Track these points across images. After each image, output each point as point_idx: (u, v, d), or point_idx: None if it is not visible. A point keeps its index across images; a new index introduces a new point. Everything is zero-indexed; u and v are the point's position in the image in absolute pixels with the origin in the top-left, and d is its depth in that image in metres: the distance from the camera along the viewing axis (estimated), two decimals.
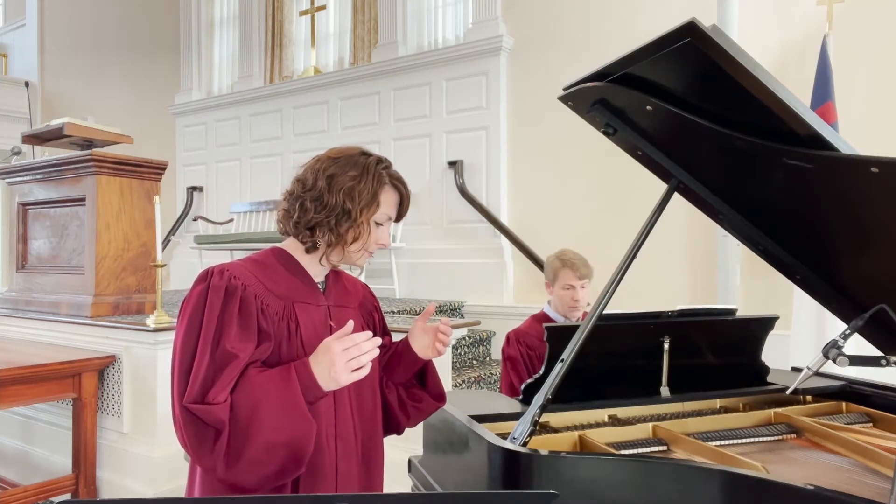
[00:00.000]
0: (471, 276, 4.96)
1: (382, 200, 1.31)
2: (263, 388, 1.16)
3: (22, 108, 8.70)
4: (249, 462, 1.13)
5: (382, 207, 1.31)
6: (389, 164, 1.35)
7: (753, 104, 1.15)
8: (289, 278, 1.32)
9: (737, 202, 1.56)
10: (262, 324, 1.24)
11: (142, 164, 3.69)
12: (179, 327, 1.24)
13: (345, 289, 1.44)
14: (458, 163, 5.12)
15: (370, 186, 1.29)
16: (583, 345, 1.46)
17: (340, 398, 1.32)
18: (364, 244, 1.31)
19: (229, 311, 1.22)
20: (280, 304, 1.28)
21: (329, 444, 1.29)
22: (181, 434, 1.18)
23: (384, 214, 1.32)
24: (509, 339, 2.49)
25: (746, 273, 3.76)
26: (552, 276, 2.49)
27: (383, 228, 1.34)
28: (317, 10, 6.25)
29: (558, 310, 2.49)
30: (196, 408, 1.15)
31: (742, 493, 1.16)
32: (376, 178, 1.30)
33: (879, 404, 1.72)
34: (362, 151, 1.34)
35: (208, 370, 1.17)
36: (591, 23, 4.62)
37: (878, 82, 3.62)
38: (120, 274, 3.61)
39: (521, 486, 1.25)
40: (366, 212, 1.28)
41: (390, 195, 1.34)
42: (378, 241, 1.34)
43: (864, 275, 1.45)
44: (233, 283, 1.24)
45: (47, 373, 2.99)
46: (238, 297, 1.23)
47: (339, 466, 1.30)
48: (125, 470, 3.14)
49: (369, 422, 1.39)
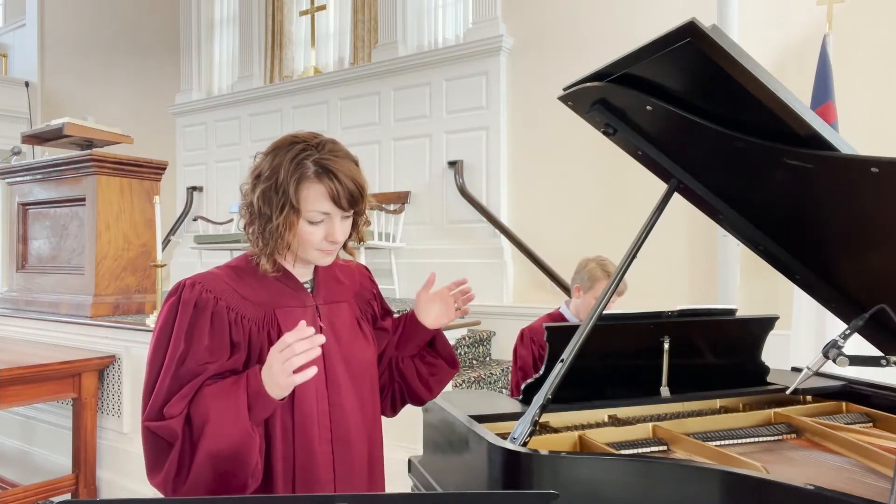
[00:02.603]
0: (471, 276, 4.89)
1: (304, 198, 1.16)
2: (213, 398, 1.12)
3: (22, 108, 8.70)
4: (195, 476, 1.10)
5: (305, 205, 1.16)
6: (318, 148, 1.18)
7: (753, 104, 1.15)
8: (269, 283, 1.25)
9: (737, 202, 1.56)
10: (234, 336, 1.19)
11: (142, 164, 3.69)
12: (150, 343, 1.20)
13: (337, 282, 1.37)
14: (458, 163, 5.12)
15: (286, 187, 1.15)
16: (583, 345, 1.46)
17: (337, 399, 1.28)
18: (305, 245, 1.20)
19: (199, 327, 1.17)
20: (259, 312, 1.22)
21: (324, 448, 1.26)
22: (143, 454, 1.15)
23: (314, 213, 1.17)
24: (523, 336, 2.43)
25: (746, 273, 3.76)
26: (589, 283, 2.36)
27: (323, 224, 1.19)
28: (317, 10, 6.25)
29: (579, 315, 2.40)
30: (153, 425, 1.12)
31: (742, 493, 1.16)
32: (294, 174, 1.15)
33: (879, 404, 1.71)
34: (292, 140, 1.20)
35: (171, 387, 1.14)
36: (591, 23, 4.62)
37: (878, 82, 3.62)
38: (120, 274, 3.61)
39: (521, 486, 1.25)
40: (287, 216, 1.16)
41: (311, 190, 1.16)
42: (327, 237, 1.20)
43: (864, 275, 1.45)
44: (203, 297, 1.19)
45: (47, 373, 2.99)
46: (209, 311, 1.18)
47: (337, 470, 1.27)
48: (125, 470, 3.14)
49: (370, 420, 1.36)
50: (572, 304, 2.46)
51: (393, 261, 5.23)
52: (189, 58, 7.16)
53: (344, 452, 1.29)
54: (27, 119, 8.64)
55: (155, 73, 7.53)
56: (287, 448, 1.22)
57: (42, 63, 8.90)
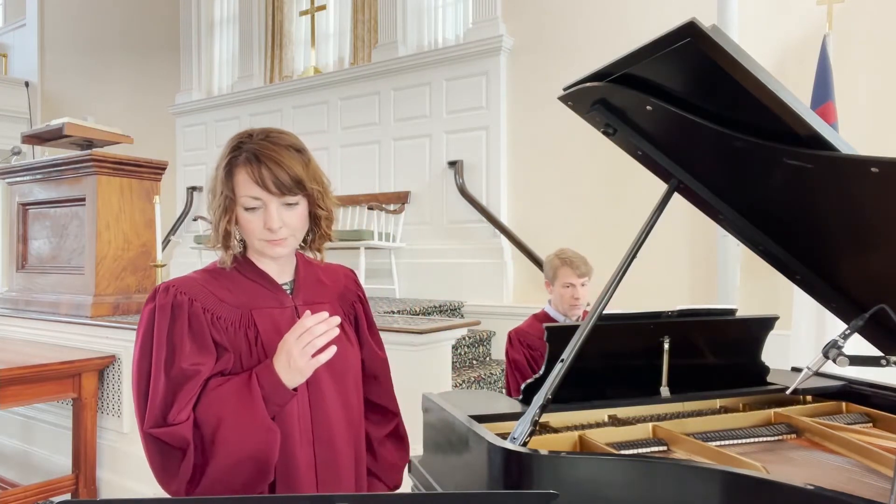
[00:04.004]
0: (471, 276, 4.96)
1: (236, 184, 1.19)
2: (224, 401, 1.13)
3: (22, 108, 8.70)
4: (214, 481, 1.11)
5: (239, 191, 1.19)
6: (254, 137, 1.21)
7: (753, 104, 1.15)
8: (246, 284, 1.26)
9: (737, 202, 1.56)
10: (215, 337, 1.20)
11: (142, 164, 3.69)
12: (134, 351, 1.21)
13: (318, 283, 1.35)
14: (458, 163, 5.12)
15: (221, 175, 1.20)
16: (583, 345, 1.45)
17: (318, 401, 1.25)
18: (249, 235, 1.23)
19: (178, 329, 1.17)
20: (236, 314, 1.23)
21: (305, 451, 1.23)
22: (148, 461, 1.15)
23: (245, 198, 1.18)
24: (511, 339, 2.49)
25: (746, 273, 3.76)
26: (552, 274, 2.49)
27: (259, 212, 1.19)
28: (317, 10, 6.26)
29: (559, 308, 2.49)
30: (158, 432, 1.12)
31: (742, 493, 1.16)
32: (227, 163, 1.20)
33: (879, 404, 1.71)
34: (237, 134, 1.24)
35: (166, 392, 1.13)
36: (591, 23, 4.62)
37: (878, 82, 3.62)
38: (120, 274, 3.61)
39: (521, 486, 1.25)
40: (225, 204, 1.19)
41: (242, 175, 1.18)
42: (265, 225, 1.19)
43: (864, 275, 1.45)
44: (178, 300, 1.19)
45: (47, 373, 2.98)
46: (185, 313, 1.19)
47: (320, 472, 1.25)
48: (125, 470, 3.14)
49: (356, 423, 1.34)
50: (551, 300, 2.53)
51: (393, 261, 5.23)
52: (189, 58, 7.16)
53: (327, 455, 1.26)
54: (27, 119, 8.64)
55: (155, 73, 7.53)
56: None
57: (42, 63, 8.90)
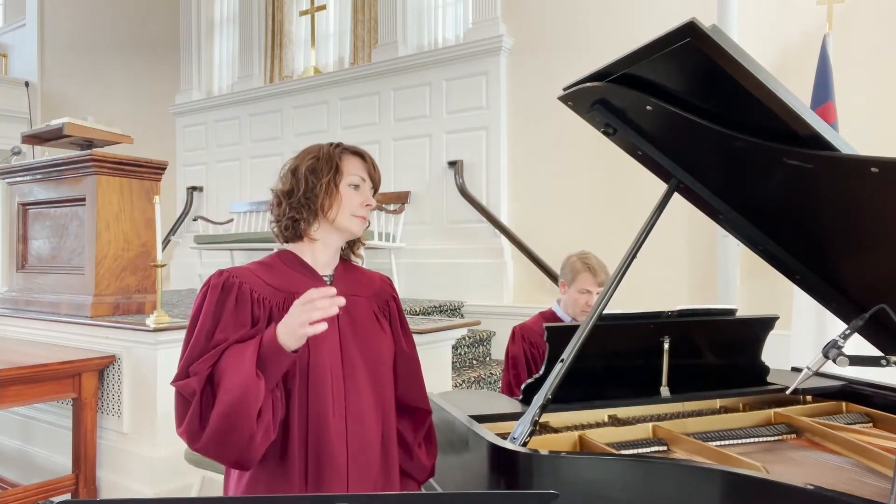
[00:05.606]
0: (471, 276, 4.95)
1: (345, 166, 1.39)
2: (229, 355, 1.24)
3: (22, 108, 8.70)
4: (211, 426, 1.19)
5: (347, 170, 1.39)
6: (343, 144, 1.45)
7: (753, 104, 1.15)
8: (290, 273, 1.38)
9: (737, 202, 1.56)
10: (255, 312, 1.31)
11: (142, 164, 3.68)
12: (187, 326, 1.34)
13: (356, 280, 1.46)
14: (458, 163, 5.12)
15: (328, 159, 1.39)
16: (583, 345, 1.46)
17: (351, 376, 1.33)
18: (345, 208, 1.37)
19: (226, 305, 1.30)
20: (280, 297, 1.33)
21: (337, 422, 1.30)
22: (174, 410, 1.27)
23: (354, 177, 1.40)
24: (514, 334, 2.46)
25: (746, 273, 3.76)
26: (571, 277, 2.40)
27: (361, 190, 1.40)
28: (317, 10, 6.26)
29: (568, 311, 2.44)
30: (177, 384, 1.25)
31: (742, 493, 1.16)
32: (333, 152, 1.40)
33: (879, 404, 1.72)
34: (319, 144, 1.44)
35: (197, 354, 1.26)
36: (590, 23, 4.62)
37: (878, 82, 3.62)
38: (120, 274, 3.60)
39: (521, 486, 1.25)
40: (333, 179, 1.37)
41: (352, 161, 1.42)
42: (362, 202, 1.39)
43: (864, 275, 1.45)
44: (230, 281, 1.33)
45: (47, 373, 2.98)
46: (234, 292, 1.32)
47: (350, 444, 1.31)
48: (125, 470, 3.13)
49: (386, 405, 1.40)
50: (562, 301, 2.49)
51: (393, 261, 5.23)
52: (189, 58, 7.16)
53: (358, 429, 1.33)
54: (27, 119, 8.64)
55: (155, 73, 7.53)
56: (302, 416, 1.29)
57: (42, 63, 8.90)
